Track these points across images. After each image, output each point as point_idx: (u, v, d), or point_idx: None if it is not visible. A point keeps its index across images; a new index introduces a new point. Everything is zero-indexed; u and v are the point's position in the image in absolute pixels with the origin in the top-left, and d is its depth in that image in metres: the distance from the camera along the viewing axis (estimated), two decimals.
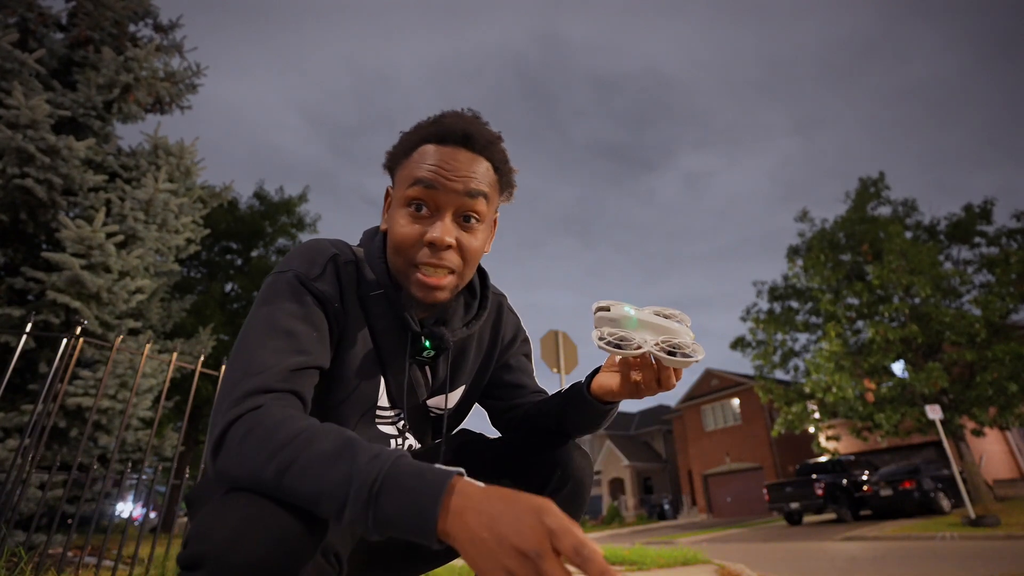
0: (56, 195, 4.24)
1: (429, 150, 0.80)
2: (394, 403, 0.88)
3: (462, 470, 0.52)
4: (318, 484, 0.53)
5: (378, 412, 0.86)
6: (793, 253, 15.85)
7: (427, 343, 0.85)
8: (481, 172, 0.81)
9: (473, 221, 0.81)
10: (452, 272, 0.80)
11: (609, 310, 0.76)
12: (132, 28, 5.84)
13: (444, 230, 0.77)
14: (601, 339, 0.73)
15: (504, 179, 0.86)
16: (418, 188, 0.78)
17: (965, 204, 14.19)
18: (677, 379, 0.74)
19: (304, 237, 15.72)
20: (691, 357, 0.69)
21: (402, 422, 0.90)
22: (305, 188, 15.82)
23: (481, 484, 0.51)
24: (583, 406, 0.86)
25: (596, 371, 0.87)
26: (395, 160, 0.84)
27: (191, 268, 13.85)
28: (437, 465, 0.53)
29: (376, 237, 0.88)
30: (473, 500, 0.49)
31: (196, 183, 5.56)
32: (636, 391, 0.77)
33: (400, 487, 0.51)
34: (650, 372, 0.75)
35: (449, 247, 0.78)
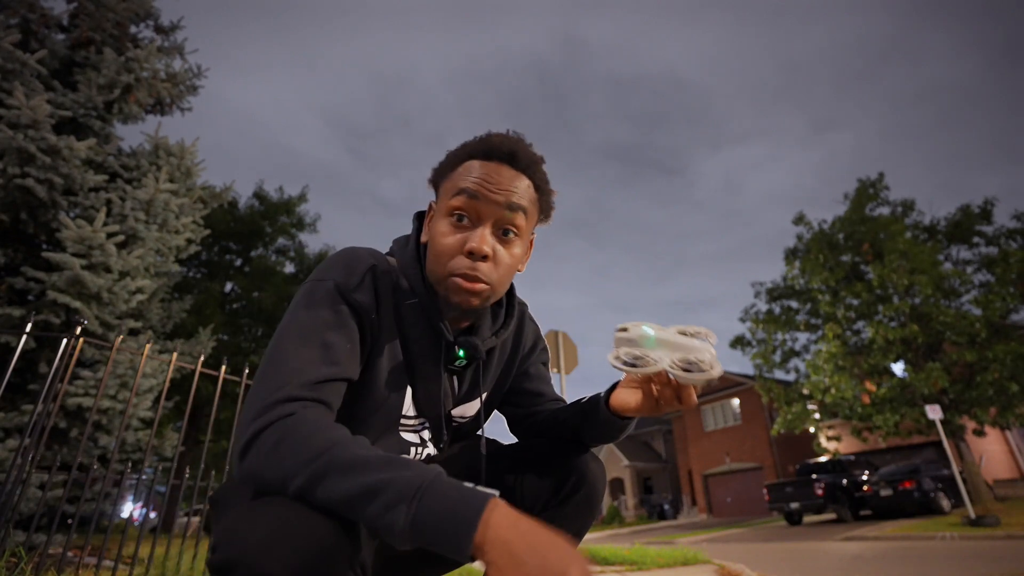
0: (57, 195, 4.24)
1: (474, 165, 0.82)
2: (420, 411, 0.89)
3: (497, 492, 0.54)
4: (355, 488, 0.54)
5: (402, 420, 0.87)
6: (791, 255, 15.85)
7: (461, 352, 0.86)
8: (522, 188, 0.83)
9: (511, 235, 0.82)
10: (486, 283, 0.81)
11: (628, 330, 0.78)
12: (133, 29, 5.85)
13: (482, 240, 0.79)
14: (617, 359, 0.75)
15: (544, 199, 0.88)
16: (461, 198, 0.80)
17: (961, 204, 14.28)
18: (697, 394, 0.76)
19: (304, 237, 15.72)
20: (705, 372, 0.71)
21: (426, 431, 0.91)
22: (304, 188, 15.77)
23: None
24: (601, 420, 0.87)
25: (615, 385, 0.88)
26: (440, 174, 0.87)
27: (191, 268, 13.83)
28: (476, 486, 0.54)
29: (409, 246, 0.90)
30: (518, 522, 0.50)
31: (197, 183, 5.57)
32: (656, 408, 0.79)
33: (442, 495, 0.52)
34: (669, 389, 0.76)
35: (485, 257, 0.80)
